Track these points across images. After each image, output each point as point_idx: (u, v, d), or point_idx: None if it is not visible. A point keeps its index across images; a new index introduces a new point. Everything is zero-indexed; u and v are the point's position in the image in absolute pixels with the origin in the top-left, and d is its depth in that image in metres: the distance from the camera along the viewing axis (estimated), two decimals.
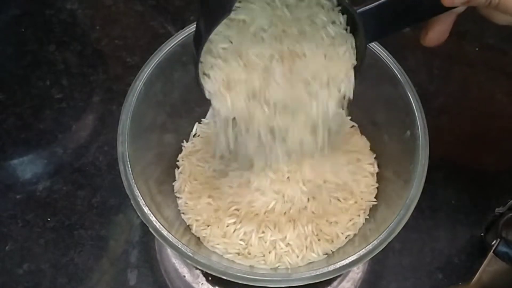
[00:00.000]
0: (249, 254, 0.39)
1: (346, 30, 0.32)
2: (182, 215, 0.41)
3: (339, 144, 0.42)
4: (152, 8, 0.57)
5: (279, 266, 0.39)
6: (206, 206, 0.41)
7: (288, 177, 0.41)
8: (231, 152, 0.37)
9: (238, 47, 0.31)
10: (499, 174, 0.49)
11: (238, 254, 0.39)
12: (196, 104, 0.46)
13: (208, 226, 0.40)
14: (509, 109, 0.52)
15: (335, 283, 0.43)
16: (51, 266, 0.43)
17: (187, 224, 0.41)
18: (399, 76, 0.40)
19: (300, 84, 0.32)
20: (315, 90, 0.33)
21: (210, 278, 0.41)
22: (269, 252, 0.39)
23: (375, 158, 0.44)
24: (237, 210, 0.40)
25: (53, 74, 0.53)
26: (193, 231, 0.40)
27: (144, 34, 0.55)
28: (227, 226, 0.40)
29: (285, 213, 0.40)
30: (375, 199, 0.42)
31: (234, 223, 0.40)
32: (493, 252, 0.41)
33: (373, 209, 0.41)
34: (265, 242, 0.39)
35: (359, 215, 0.41)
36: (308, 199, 0.40)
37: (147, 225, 0.35)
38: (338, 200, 0.41)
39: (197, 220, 0.41)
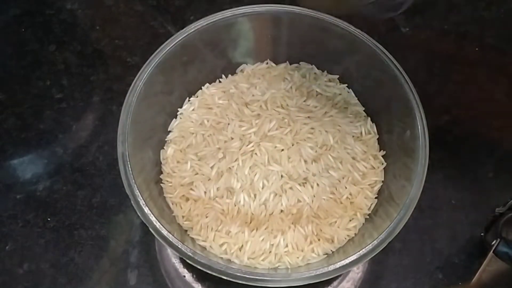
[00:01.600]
0: (249, 254, 0.39)
1: None
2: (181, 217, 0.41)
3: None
4: (152, 8, 0.57)
5: (279, 266, 0.39)
6: (203, 207, 0.41)
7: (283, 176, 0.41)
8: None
9: None
10: (499, 174, 0.49)
11: (238, 254, 0.39)
12: None
13: (207, 227, 0.40)
14: (509, 109, 0.52)
15: (335, 283, 0.43)
16: (51, 266, 0.43)
17: (185, 224, 0.41)
18: (399, 76, 0.40)
19: None
20: None
21: (210, 278, 0.41)
22: (269, 252, 0.39)
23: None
24: (236, 210, 0.40)
25: (53, 74, 0.53)
26: (193, 232, 0.40)
27: (144, 34, 0.55)
28: (226, 227, 0.39)
29: (284, 213, 0.40)
30: (375, 199, 0.42)
31: (234, 224, 0.40)
32: (493, 252, 0.41)
33: (373, 209, 0.41)
34: (265, 242, 0.39)
35: (359, 215, 0.41)
36: (308, 199, 0.40)
37: (147, 225, 0.35)
38: (338, 200, 0.41)
39: (196, 222, 0.40)
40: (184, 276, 0.43)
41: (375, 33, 0.43)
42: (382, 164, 0.43)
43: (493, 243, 0.42)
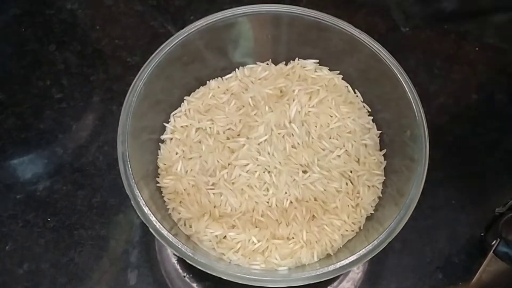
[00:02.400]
0: (249, 254, 0.39)
1: None
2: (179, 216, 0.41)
3: None
4: (152, 8, 0.57)
5: (279, 266, 0.39)
6: (203, 207, 0.41)
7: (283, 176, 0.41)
8: None
9: None
10: (499, 174, 0.49)
11: (238, 254, 0.39)
12: None
13: (207, 227, 0.40)
14: (509, 109, 0.52)
15: (335, 283, 0.43)
16: (51, 266, 0.43)
17: (185, 224, 0.41)
18: (399, 76, 0.40)
19: None
20: None
21: (210, 278, 0.41)
22: (270, 252, 0.39)
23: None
24: (237, 210, 0.40)
25: (53, 74, 0.53)
26: (192, 232, 0.40)
27: (144, 34, 0.55)
28: (226, 227, 0.39)
29: (286, 213, 0.40)
30: (377, 198, 0.42)
31: (234, 224, 0.40)
32: (493, 252, 0.41)
33: (374, 209, 0.41)
34: (266, 243, 0.39)
35: (361, 214, 0.41)
36: (309, 198, 0.40)
37: (147, 225, 0.35)
38: (339, 200, 0.41)
39: (196, 222, 0.40)
40: (184, 276, 0.43)
41: (375, 33, 0.43)
42: (382, 163, 0.43)
43: (493, 243, 0.42)
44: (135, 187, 0.36)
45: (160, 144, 0.44)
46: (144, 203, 0.35)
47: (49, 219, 0.45)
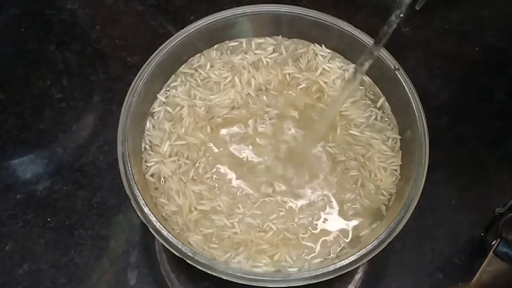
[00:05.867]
0: (252, 255, 0.38)
1: None
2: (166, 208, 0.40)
3: None
4: (152, 8, 0.57)
5: (279, 265, 0.39)
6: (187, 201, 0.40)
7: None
8: None
9: None
10: (499, 174, 0.49)
11: (237, 254, 0.39)
12: None
13: (206, 228, 0.40)
14: (509, 109, 0.52)
15: (335, 284, 0.43)
16: (51, 266, 0.43)
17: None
18: (399, 76, 0.40)
19: None
20: None
21: (210, 278, 0.41)
22: (275, 252, 0.39)
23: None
24: (233, 219, 0.40)
25: (53, 74, 0.53)
26: (191, 231, 0.40)
27: (144, 34, 0.55)
28: (227, 228, 0.39)
29: (290, 212, 0.40)
30: (398, 180, 0.41)
31: (234, 226, 0.39)
32: (493, 252, 0.41)
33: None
34: (274, 248, 0.39)
35: (384, 195, 0.40)
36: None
37: (147, 225, 0.35)
38: (364, 182, 0.40)
39: (194, 224, 0.40)
40: (184, 276, 0.43)
41: (375, 33, 0.43)
42: (396, 142, 0.41)
43: (493, 243, 0.42)
44: (135, 187, 0.36)
45: (149, 117, 0.42)
46: (144, 203, 0.35)
47: (49, 219, 0.45)
